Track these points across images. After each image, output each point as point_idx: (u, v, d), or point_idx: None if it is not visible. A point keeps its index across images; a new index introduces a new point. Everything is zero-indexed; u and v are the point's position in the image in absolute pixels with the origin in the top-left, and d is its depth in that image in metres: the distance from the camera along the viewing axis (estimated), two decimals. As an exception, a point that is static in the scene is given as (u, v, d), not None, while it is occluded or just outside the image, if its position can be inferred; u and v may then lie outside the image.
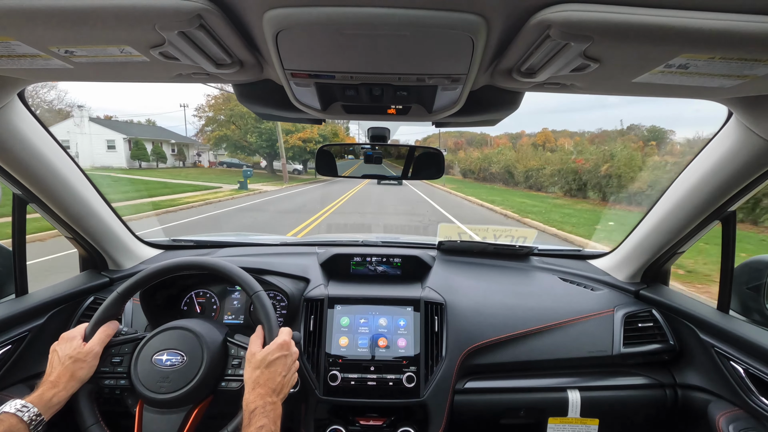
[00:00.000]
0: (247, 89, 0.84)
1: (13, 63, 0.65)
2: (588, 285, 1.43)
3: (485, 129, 18.21)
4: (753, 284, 1.13)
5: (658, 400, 1.19)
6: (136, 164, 27.76)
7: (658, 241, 1.28)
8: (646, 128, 24.68)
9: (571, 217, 10.28)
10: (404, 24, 0.50)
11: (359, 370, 1.12)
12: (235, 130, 27.52)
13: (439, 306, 1.22)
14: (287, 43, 0.55)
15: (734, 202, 1.06)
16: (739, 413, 1.03)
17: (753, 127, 0.85)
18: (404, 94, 0.74)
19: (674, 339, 1.24)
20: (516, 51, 0.58)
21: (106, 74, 0.74)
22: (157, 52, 0.58)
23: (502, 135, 42.55)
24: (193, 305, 1.29)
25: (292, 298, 1.23)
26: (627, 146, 14.33)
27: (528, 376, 1.22)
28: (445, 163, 1.20)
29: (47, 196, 1.11)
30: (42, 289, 1.21)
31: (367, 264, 1.42)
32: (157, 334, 0.90)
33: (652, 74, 0.61)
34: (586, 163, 14.64)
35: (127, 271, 1.42)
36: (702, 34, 0.47)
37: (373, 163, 1.18)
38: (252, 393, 0.79)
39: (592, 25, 0.47)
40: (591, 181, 14.13)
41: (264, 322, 0.90)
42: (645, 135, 21.11)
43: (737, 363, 1.04)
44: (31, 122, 0.98)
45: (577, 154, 17.84)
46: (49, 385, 0.79)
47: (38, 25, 0.51)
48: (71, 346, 0.85)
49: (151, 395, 0.82)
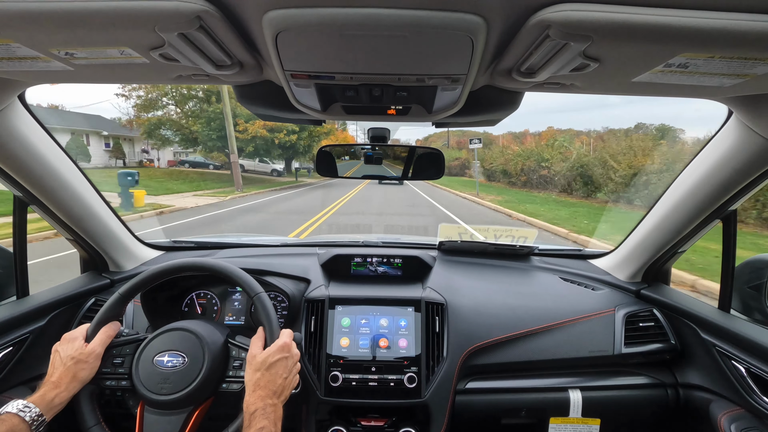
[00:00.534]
0: (247, 90, 0.84)
1: (14, 65, 0.66)
2: (589, 285, 1.43)
3: (487, 128, 16.35)
4: (754, 283, 1.13)
5: (660, 399, 1.19)
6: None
7: (658, 241, 1.28)
8: (655, 127, 21.84)
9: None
10: (404, 24, 0.50)
11: (360, 370, 1.12)
12: (178, 116, 20.54)
13: (440, 306, 1.22)
14: (287, 44, 0.55)
15: (735, 201, 1.05)
16: (740, 412, 1.03)
17: (753, 126, 0.85)
18: (404, 95, 0.74)
19: (675, 338, 1.24)
20: (515, 51, 0.58)
21: (107, 76, 0.74)
22: (157, 53, 0.58)
23: (506, 134, 41.40)
24: (194, 306, 1.29)
25: (292, 299, 1.23)
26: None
27: (529, 376, 1.22)
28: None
29: (48, 197, 1.11)
30: (43, 291, 1.21)
31: (368, 264, 1.42)
32: (158, 336, 0.90)
33: (652, 74, 0.61)
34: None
35: (128, 273, 1.42)
36: (701, 33, 0.47)
37: (374, 163, 1.18)
38: (252, 395, 0.79)
39: (591, 24, 0.47)
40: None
41: (265, 324, 0.90)
42: (654, 134, 18.29)
43: (739, 362, 1.03)
44: (31, 124, 0.98)
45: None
46: (51, 385, 0.79)
47: (39, 28, 0.51)
48: (73, 346, 0.85)
49: (152, 396, 0.82)
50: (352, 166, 1.20)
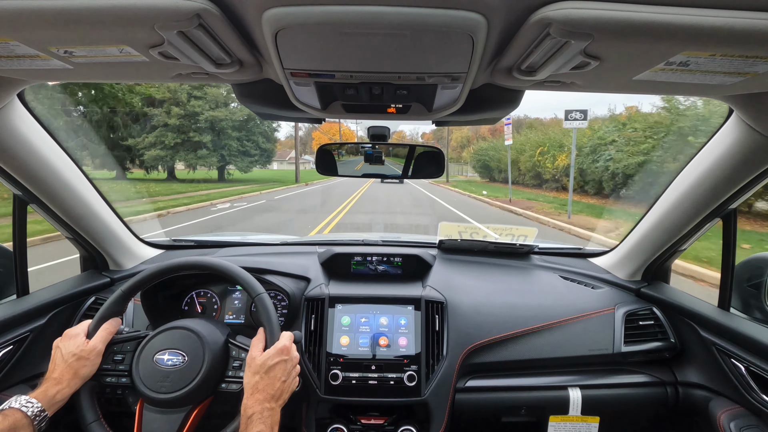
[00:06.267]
0: (246, 89, 0.84)
1: (13, 63, 0.65)
2: (589, 283, 1.43)
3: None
4: (754, 282, 1.13)
5: (659, 397, 1.19)
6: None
7: (658, 239, 1.28)
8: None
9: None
10: (404, 23, 0.49)
11: (360, 369, 1.12)
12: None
13: (440, 305, 1.22)
14: (287, 42, 0.55)
15: (735, 199, 1.05)
16: (740, 411, 1.03)
17: (754, 124, 0.85)
18: (404, 93, 0.74)
19: (675, 337, 1.24)
20: (516, 49, 0.58)
21: (106, 74, 0.74)
22: (157, 52, 0.58)
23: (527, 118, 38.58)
24: (194, 305, 1.29)
25: (293, 298, 1.23)
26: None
27: (529, 375, 1.22)
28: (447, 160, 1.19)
29: (48, 196, 1.11)
30: (43, 290, 1.21)
31: (368, 263, 1.42)
32: (158, 334, 0.90)
33: (653, 72, 0.61)
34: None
35: (128, 272, 1.42)
36: (703, 31, 0.47)
37: (374, 162, 1.18)
38: (250, 398, 0.79)
39: (592, 22, 0.47)
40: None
41: (265, 325, 0.90)
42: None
43: (738, 360, 1.04)
44: (31, 123, 0.98)
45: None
46: (53, 381, 0.80)
47: (38, 26, 0.51)
48: (75, 343, 0.85)
49: (152, 394, 0.82)
50: (352, 164, 1.20)
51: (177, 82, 0.77)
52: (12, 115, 0.91)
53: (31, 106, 0.97)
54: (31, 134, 0.98)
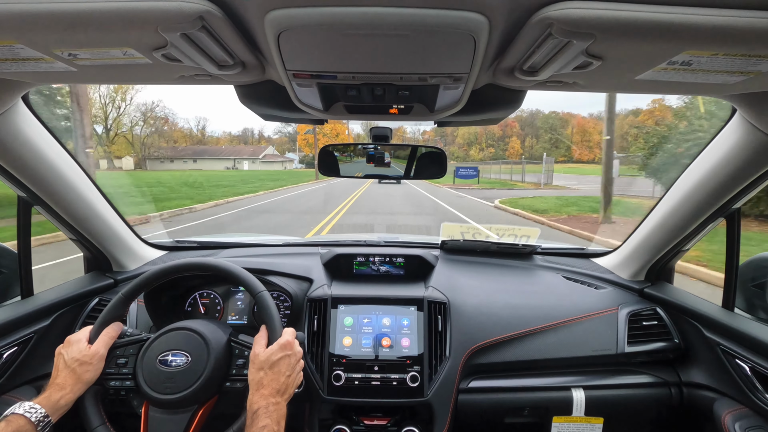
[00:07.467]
0: (249, 90, 0.84)
1: (18, 66, 0.66)
2: (592, 283, 1.43)
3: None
4: (758, 282, 1.12)
5: (663, 398, 1.19)
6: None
7: (662, 239, 1.27)
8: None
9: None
10: (406, 23, 0.50)
11: (363, 369, 1.12)
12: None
13: (443, 305, 1.22)
14: (289, 43, 0.55)
15: (738, 199, 1.05)
16: (744, 411, 1.02)
17: (757, 123, 0.85)
18: (406, 94, 0.74)
19: (679, 337, 1.23)
20: (518, 49, 0.58)
21: (110, 76, 0.74)
22: (160, 54, 0.58)
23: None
24: (197, 306, 1.29)
25: (295, 299, 1.24)
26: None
27: (532, 375, 1.22)
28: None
29: (52, 198, 1.12)
30: (47, 291, 1.22)
31: (370, 264, 1.42)
32: (161, 335, 0.90)
33: (655, 71, 0.61)
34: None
35: (132, 272, 1.43)
36: (705, 30, 0.47)
37: (375, 163, 1.18)
38: (256, 394, 0.79)
39: (594, 22, 0.47)
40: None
41: (267, 322, 0.90)
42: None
43: (743, 361, 1.03)
44: (35, 125, 0.98)
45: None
46: (56, 387, 0.80)
47: (42, 29, 0.51)
48: (77, 349, 0.85)
49: (157, 396, 0.82)
50: (354, 165, 1.20)
51: (180, 84, 0.77)
52: (16, 118, 0.92)
53: (35, 109, 0.98)
54: (36, 137, 0.98)
